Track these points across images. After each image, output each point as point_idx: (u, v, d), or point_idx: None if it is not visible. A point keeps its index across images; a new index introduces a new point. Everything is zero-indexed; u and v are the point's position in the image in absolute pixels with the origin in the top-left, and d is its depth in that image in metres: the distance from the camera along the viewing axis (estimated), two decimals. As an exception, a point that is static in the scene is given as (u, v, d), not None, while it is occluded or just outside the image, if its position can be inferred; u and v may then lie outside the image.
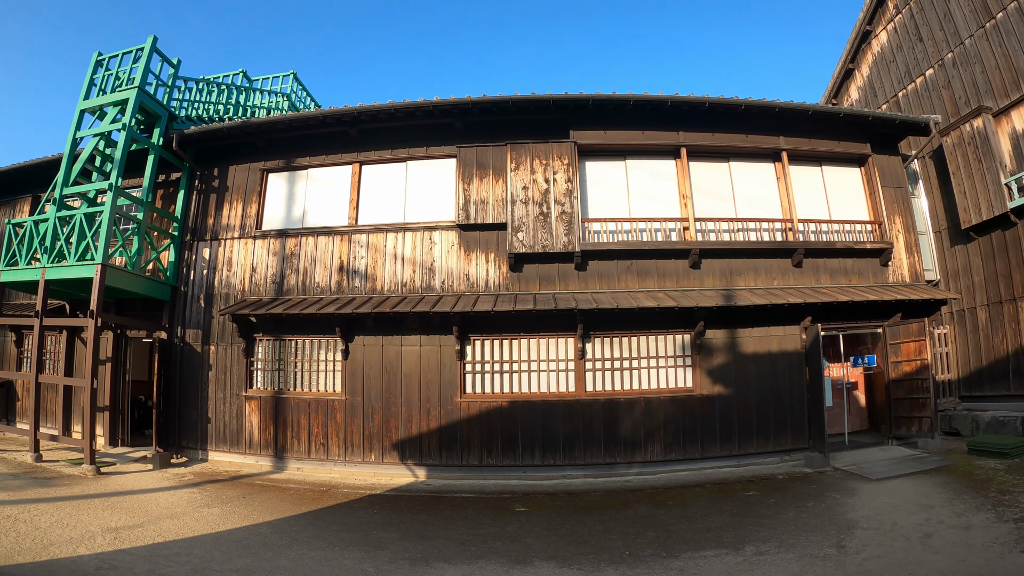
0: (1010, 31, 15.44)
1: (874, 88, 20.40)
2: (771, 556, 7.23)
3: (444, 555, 7.50)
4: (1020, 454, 12.10)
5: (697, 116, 13.76)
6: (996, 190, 15.37)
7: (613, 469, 12.27)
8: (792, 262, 13.96)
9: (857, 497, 9.95)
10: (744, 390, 13.06)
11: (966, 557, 6.89)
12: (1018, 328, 15.26)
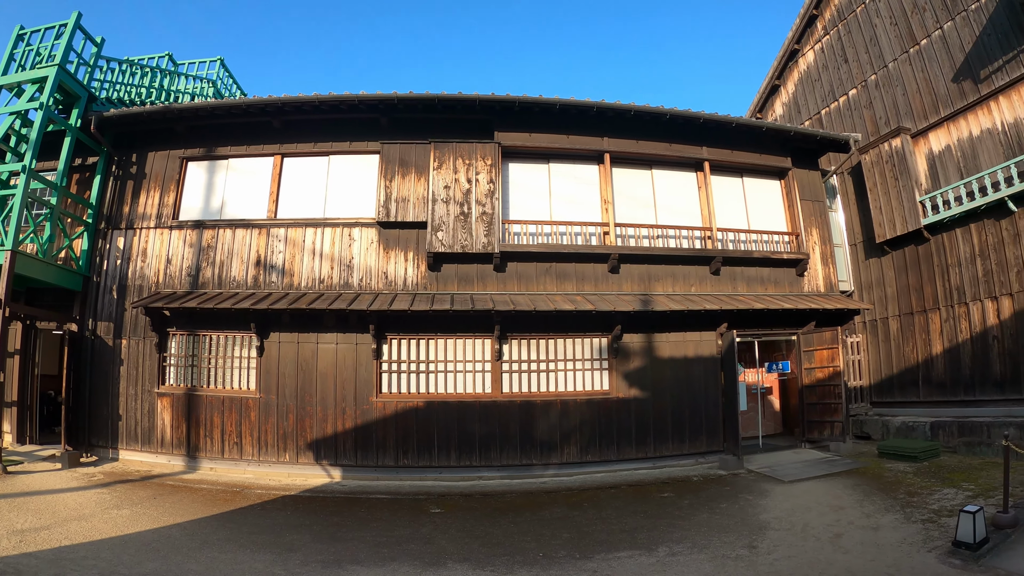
0: (932, 57, 16.09)
1: (798, 105, 20.98)
2: (684, 557, 7.31)
3: (357, 557, 7.40)
4: (928, 458, 12.61)
5: (622, 123, 13.88)
6: (911, 207, 15.99)
7: (529, 471, 12.28)
8: (710, 269, 14.20)
9: (769, 499, 10.15)
10: (660, 393, 13.22)
11: (875, 557, 7.07)
12: (928, 338, 15.90)
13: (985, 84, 14.71)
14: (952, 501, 9.34)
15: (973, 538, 6.67)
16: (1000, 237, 14.35)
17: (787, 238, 15.40)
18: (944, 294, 15.64)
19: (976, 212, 14.75)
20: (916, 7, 16.55)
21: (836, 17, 19.49)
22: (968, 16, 15.15)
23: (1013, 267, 14.00)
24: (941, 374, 15.58)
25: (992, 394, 14.26)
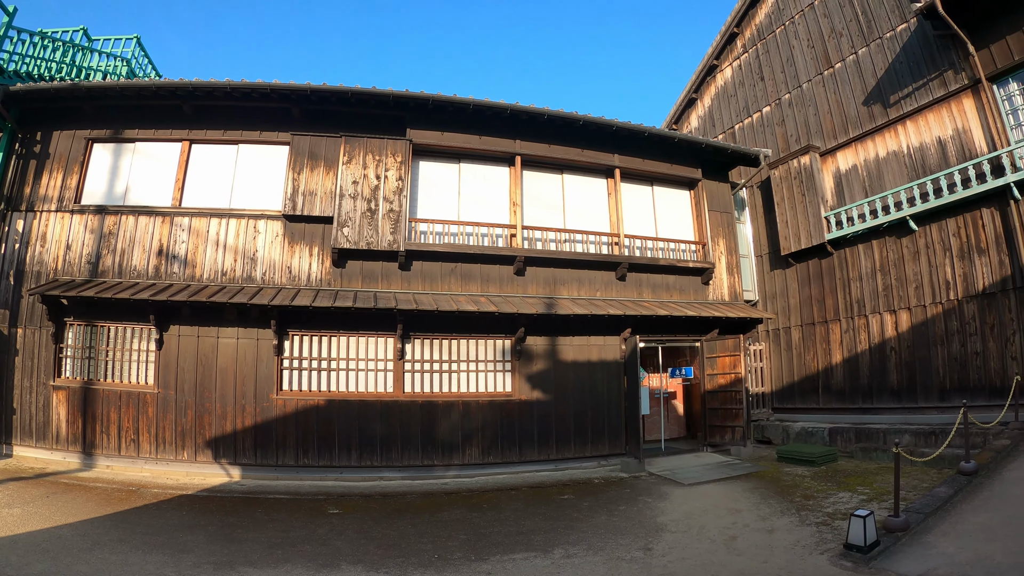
0: (845, 80, 16.73)
1: (713, 118, 21.55)
2: (579, 559, 7.34)
3: (250, 559, 7.24)
4: (826, 462, 13.03)
5: (535, 127, 13.97)
6: (816, 222, 16.58)
7: (431, 471, 12.25)
8: (616, 275, 14.46)
9: (668, 501, 10.29)
10: (563, 396, 13.38)
11: (768, 559, 7.20)
12: (828, 348, 16.51)
13: (894, 109, 15.37)
14: (847, 505, 9.59)
15: (864, 541, 6.86)
16: (900, 254, 15.02)
17: (694, 247, 15.82)
18: (845, 306, 16.25)
19: (879, 229, 15.41)
20: (833, 32, 17.19)
21: (756, 36, 20.06)
22: (883, 43, 15.82)
23: (912, 282, 14.69)
24: (840, 382, 16.19)
25: (889, 402, 14.93)
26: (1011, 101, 13.16)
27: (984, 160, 13.05)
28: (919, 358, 14.35)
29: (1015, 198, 12.61)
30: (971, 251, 13.57)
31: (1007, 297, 12.84)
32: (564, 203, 14.61)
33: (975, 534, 7.16)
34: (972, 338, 13.40)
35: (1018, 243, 12.64)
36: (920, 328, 14.46)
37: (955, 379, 13.61)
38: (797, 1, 18.49)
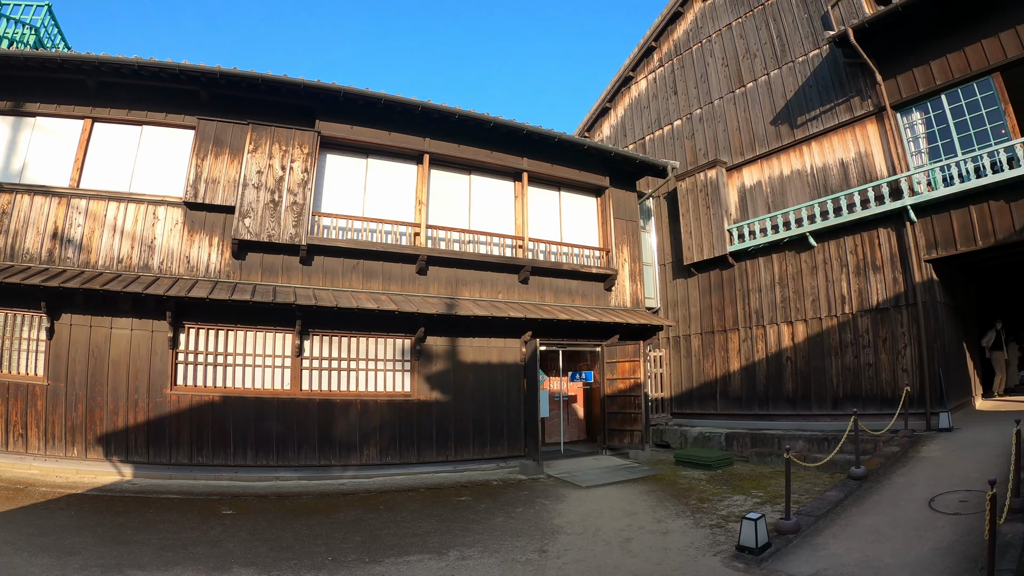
0: (756, 100, 17.86)
1: (625, 128, 22.52)
2: (473, 561, 7.44)
3: (139, 562, 7.09)
4: (722, 466, 13.81)
5: (446, 126, 14.32)
6: (719, 234, 17.61)
7: (327, 472, 12.27)
8: (519, 278, 15.09)
9: (566, 503, 10.56)
10: (463, 397, 13.79)
11: (662, 561, 7.46)
12: (727, 356, 17.58)
13: (801, 130, 16.55)
14: (741, 507, 10.00)
15: (755, 543, 7.14)
16: (799, 268, 16.16)
17: (598, 253, 16.66)
18: (744, 316, 17.32)
19: (780, 244, 16.53)
20: (748, 52, 18.32)
21: (673, 51, 21.07)
22: (795, 67, 16.98)
23: (809, 296, 15.83)
24: (738, 389, 17.27)
25: (784, 409, 16.03)
26: (913, 129, 14.46)
27: (884, 183, 14.27)
28: (814, 368, 15.50)
29: (911, 220, 13.88)
30: (867, 268, 14.79)
31: (900, 312, 14.10)
32: (470, 204, 15.11)
33: (864, 536, 7.56)
34: (865, 350, 14.62)
35: (912, 262, 13.89)
36: (816, 339, 15.60)
37: (848, 388, 14.82)
38: (715, 21, 19.55)
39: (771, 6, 17.75)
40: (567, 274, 15.79)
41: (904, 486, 9.29)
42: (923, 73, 14.01)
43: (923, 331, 13.56)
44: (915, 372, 13.62)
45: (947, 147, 13.72)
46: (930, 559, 6.57)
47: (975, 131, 13.25)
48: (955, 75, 13.44)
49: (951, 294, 15.07)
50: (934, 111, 13.96)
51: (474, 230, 14.81)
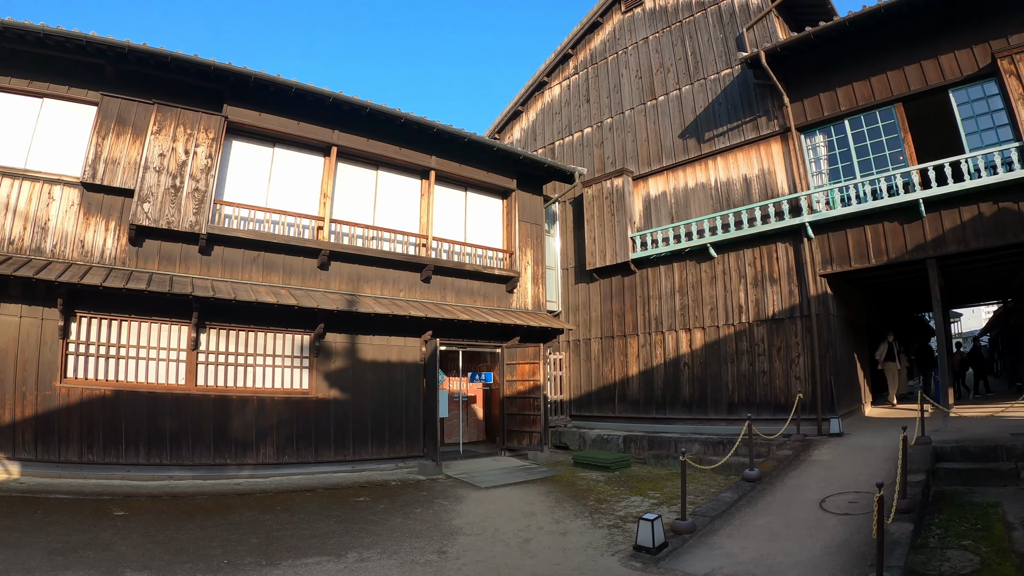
0: (666, 113, 18.74)
1: (536, 132, 23.18)
2: (372, 563, 7.43)
3: (28, 565, 6.79)
4: (620, 468, 14.38)
5: (356, 120, 14.36)
6: (623, 241, 18.36)
7: (223, 471, 12.00)
8: (421, 276, 15.34)
9: (465, 504, 10.68)
10: (362, 396, 13.87)
11: (561, 561, 7.61)
12: (626, 360, 18.33)
13: (708, 145, 17.54)
14: (638, 508, 10.32)
15: (652, 543, 7.36)
16: (699, 277, 17.07)
17: (502, 255, 17.17)
18: (644, 322, 18.13)
19: (681, 253, 17.40)
20: (662, 67, 19.20)
21: (588, 60, 21.79)
22: (706, 84, 17.95)
23: (707, 304, 16.77)
24: (636, 393, 18.04)
25: (681, 413, 16.88)
26: (815, 151, 15.64)
27: (784, 200, 15.39)
28: (711, 374, 16.46)
29: (808, 236, 14.98)
30: (765, 280, 15.81)
31: (794, 323, 15.15)
32: (376, 200, 15.20)
33: (758, 535, 7.88)
34: (761, 358, 15.63)
35: (807, 276, 14.98)
36: (713, 346, 16.55)
37: (743, 394, 15.83)
38: (633, 33, 20.35)
39: (688, 24, 18.68)
40: (470, 275, 16.16)
41: (796, 488, 9.80)
42: (829, 98, 15.21)
43: (816, 341, 14.63)
44: (808, 380, 14.67)
45: (847, 169, 14.95)
46: (821, 557, 6.96)
47: (875, 156, 14.53)
48: (860, 102, 14.67)
49: (844, 307, 16.38)
50: (837, 135, 15.19)
51: (378, 226, 14.90)
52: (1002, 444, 10.45)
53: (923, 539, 7.73)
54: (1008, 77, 12.41)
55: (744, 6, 17.25)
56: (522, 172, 17.69)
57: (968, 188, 12.72)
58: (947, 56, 13.44)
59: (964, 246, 12.96)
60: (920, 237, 13.45)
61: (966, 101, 13.35)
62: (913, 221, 13.49)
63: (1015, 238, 12.39)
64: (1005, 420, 13.04)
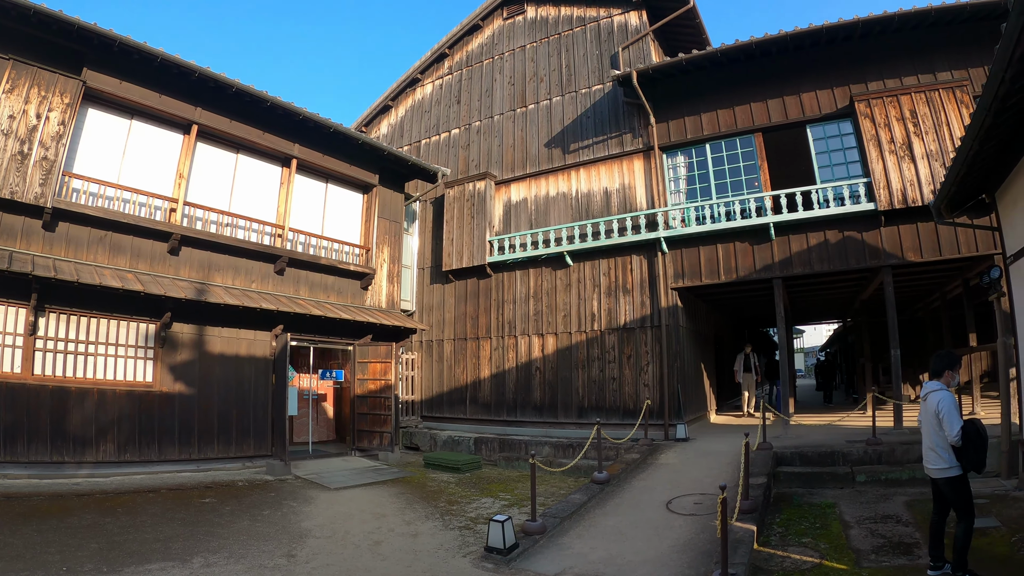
0: (534, 122, 19.84)
1: (404, 129, 23.76)
2: (219, 568, 7.37)
3: None
4: (471, 469, 15.08)
5: (221, 98, 14.15)
6: (480, 244, 19.33)
7: (61, 469, 11.47)
8: (275, 268, 15.49)
9: (314, 506, 10.75)
10: (209, 391, 13.73)
11: (412, 563, 7.77)
12: (478, 363, 19.30)
13: (572, 156, 18.77)
14: (489, 510, 10.74)
15: (503, 544, 7.59)
16: (555, 284, 18.23)
17: (358, 251, 17.69)
18: (498, 326, 19.16)
19: (538, 259, 18.51)
20: (536, 76, 20.32)
21: (464, 61, 22.60)
22: (577, 97, 19.17)
23: (561, 311, 17.94)
24: (488, 395, 19.03)
25: (532, 416, 17.97)
26: (675, 170, 17.21)
27: (642, 214, 16.81)
28: (562, 379, 17.66)
29: (663, 251, 16.45)
30: (618, 290, 17.14)
31: (645, 333, 16.54)
32: (234, 185, 15.16)
33: (607, 536, 8.34)
34: (611, 365, 16.93)
35: (659, 289, 16.43)
36: (565, 352, 17.75)
37: (593, 399, 17.07)
38: (511, 40, 21.37)
39: (567, 37, 19.88)
40: (325, 269, 16.49)
41: (644, 490, 10.51)
42: (694, 122, 16.88)
43: (665, 350, 16.12)
44: (656, 387, 16.11)
45: (704, 190, 16.64)
46: (669, 555, 7.49)
47: (732, 180, 16.32)
48: (722, 129, 16.43)
49: (693, 319, 18.17)
50: (697, 156, 16.91)
51: (234, 213, 14.89)
52: (839, 450, 12.15)
53: (766, 537, 8.58)
54: (863, 119, 14.47)
55: (623, 26, 18.70)
56: (385, 168, 18.22)
57: (816, 216, 14.67)
58: (809, 94, 15.53)
59: (809, 268, 14.89)
60: (769, 258, 15.27)
61: (822, 137, 15.51)
62: (763, 243, 15.31)
63: (856, 264, 14.51)
64: (842, 428, 15.05)
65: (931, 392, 6.47)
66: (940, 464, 6.34)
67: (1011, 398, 10.43)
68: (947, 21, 13.90)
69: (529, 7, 21.04)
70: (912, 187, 13.65)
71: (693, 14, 17.98)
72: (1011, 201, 9.49)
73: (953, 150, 10.82)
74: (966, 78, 13.96)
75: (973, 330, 16.02)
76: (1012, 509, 8.71)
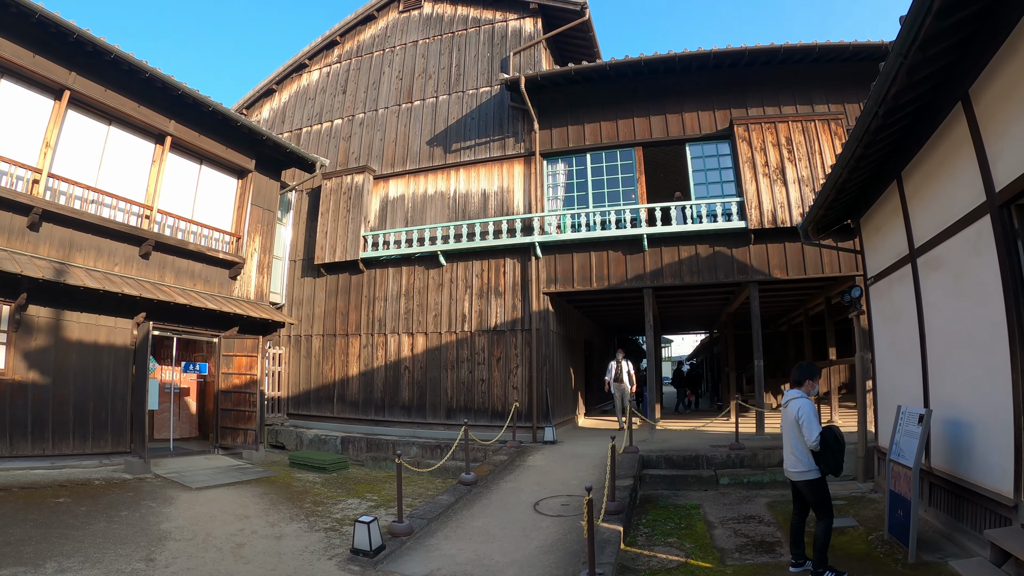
0: (419, 118, 19.42)
1: (286, 114, 22.69)
2: (73, 574, 6.85)
3: None
4: (337, 470, 14.47)
5: (98, 64, 12.78)
6: (354, 239, 18.67)
7: None
8: (140, 251, 14.17)
9: (174, 506, 10.14)
10: (65, 382, 12.38)
11: (276, 566, 7.47)
12: (347, 360, 18.59)
13: (453, 155, 18.49)
14: (355, 511, 10.44)
15: (370, 545, 7.44)
16: (427, 283, 17.85)
17: (229, 238, 16.59)
18: (368, 323, 18.54)
19: (411, 257, 18.08)
20: (425, 72, 19.93)
21: (354, 51, 21.87)
22: (464, 97, 18.94)
23: (432, 311, 17.58)
24: (355, 394, 18.39)
25: (400, 416, 17.52)
26: (555, 177, 17.27)
27: (518, 218, 16.74)
28: (431, 379, 17.34)
29: (537, 255, 16.46)
30: (491, 292, 17.01)
31: (515, 336, 16.49)
32: (103, 160, 13.70)
33: (475, 537, 8.29)
34: (480, 367, 16.79)
35: (531, 293, 16.40)
36: (434, 352, 17.42)
37: (462, 400, 16.87)
38: (404, 34, 20.91)
39: (460, 36, 19.65)
40: (193, 255, 15.32)
41: (512, 491, 10.49)
42: (577, 131, 17.04)
43: (535, 354, 16.12)
44: (525, 390, 16.11)
45: (582, 198, 16.85)
46: (536, 556, 7.53)
47: (609, 190, 16.62)
48: (604, 140, 16.71)
49: (564, 324, 18.33)
50: (578, 165, 17.11)
51: (102, 189, 13.30)
52: (703, 454, 12.56)
53: (632, 538, 8.76)
54: (741, 142, 15.05)
55: (517, 32, 18.72)
56: (263, 154, 17.22)
57: (689, 231, 15.19)
58: (691, 114, 16.06)
59: (679, 280, 15.37)
60: (641, 268, 15.64)
61: (700, 156, 16.13)
62: (636, 253, 15.65)
63: (725, 278, 15.15)
64: (706, 434, 15.65)
65: (792, 400, 6.75)
66: (800, 467, 6.61)
67: (867, 408, 11.20)
68: (829, 58, 14.93)
69: (426, 3, 20.76)
70: (782, 209, 14.39)
71: (587, 27, 18.24)
72: (874, 227, 10.19)
73: (823, 177, 11.67)
74: (841, 112, 15.01)
75: (833, 344, 17.19)
76: (868, 510, 9.31)
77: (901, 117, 7.06)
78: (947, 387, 7.34)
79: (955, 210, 6.77)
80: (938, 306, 7.56)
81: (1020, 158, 5.39)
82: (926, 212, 7.77)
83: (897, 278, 9.02)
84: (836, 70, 15.22)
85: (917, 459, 6.93)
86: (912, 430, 7.25)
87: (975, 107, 6.15)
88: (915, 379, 8.21)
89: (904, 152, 8.06)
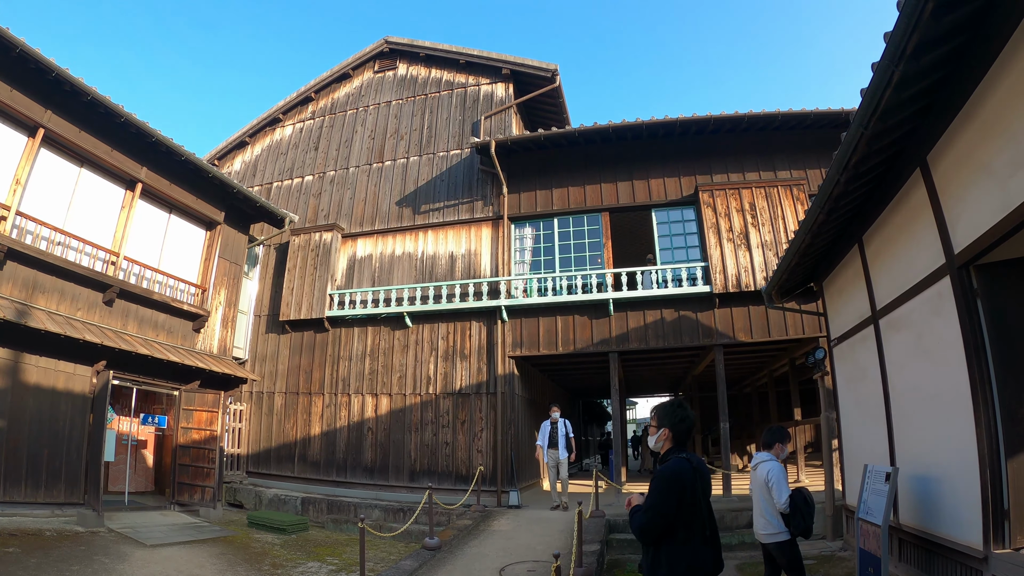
0: (389, 178, 19.39)
1: (258, 168, 22.50)
2: None
3: None
4: (297, 531, 13.90)
5: (74, 104, 12.55)
6: (321, 297, 18.31)
7: None
8: (104, 298, 13.74)
9: (128, 563, 9.69)
10: (20, 427, 11.67)
11: None
12: (309, 419, 17.96)
13: (422, 217, 18.44)
14: (316, 574, 10.11)
15: None
16: (392, 344, 17.47)
17: (194, 290, 16.24)
18: (332, 382, 18.00)
19: (377, 318, 17.73)
20: (397, 133, 20.04)
21: (328, 108, 21.99)
22: (434, 159, 19.03)
23: (397, 371, 17.17)
24: (317, 454, 17.69)
25: (363, 478, 16.82)
26: (522, 241, 17.28)
27: (485, 282, 16.68)
28: (394, 440, 16.77)
29: (503, 319, 16.27)
30: (456, 355, 16.71)
31: (480, 399, 16.15)
32: (73, 200, 13.37)
33: None
34: (444, 429, 16.34)
35: (497, 356, 16.15)
36: (398, 414, 16.92)
37: (426, 463, 16.29)
38: (378, 94, 21.08)
39: (432, 99, 19.89)
40: (157, 305, 14.90)
41: (476, 556, 10.08)
42: (545, 196, 17.14)
43: (500, 417, 15.75)
44: (490, 453, 15.67)
45: (548, 262, 16.82)
46: None
47: (576, 255, 16.60)
48: (572, 205, 16.80)
49: (529, 388, 18.03)
50: (545, 230, 17.14)
51: (70, 232, 12.97)
52: None
53: None
54: (705, 208, 15.29)
55: (488, 96, 19.01)
56: (233, 206, 17.07)
57: (655, 295, 15.20)
58: (657, 180, 16.30)
59: (645, 344, 15.25)
60: (607, 332, 15.50)
61: (666, 221, 16.29)
62: (602, 317, 15.57)
63: (690, 342, 15.08)
64: None
65: (761, 463, 6.72)
66: (770, 529, 6.52)
67: (833, 467, 11.00)
68: (791, 126, 15.34)
69: (401, 64, 21.01)
70: (746, 273, 14.50)
71: (557, 93, 18.62)
72: (837, 290, 10.27)
73: (787, 241, 11.82)
74: (803, 177, 15.34)
75: (798, 405, 17.02)
76: (839, 568, 9.12)
77: (862, 184, 7.22)
78: (913, 444, 7.35)
79: (916, 272, 6.85)
80: (901, 365, 7.60)
81: (978, 220, 5.49)
82: (887, 274, 7.88)
83: (860, 339, 9.07)
84: (798, 137, 15.64)
85: (886, 517, 6.85)
86: (879, 488, 7.20)
87: (933, 173, 6.28)
88: (881, 437, 8.20)
89: (865, 217, 8.22)
